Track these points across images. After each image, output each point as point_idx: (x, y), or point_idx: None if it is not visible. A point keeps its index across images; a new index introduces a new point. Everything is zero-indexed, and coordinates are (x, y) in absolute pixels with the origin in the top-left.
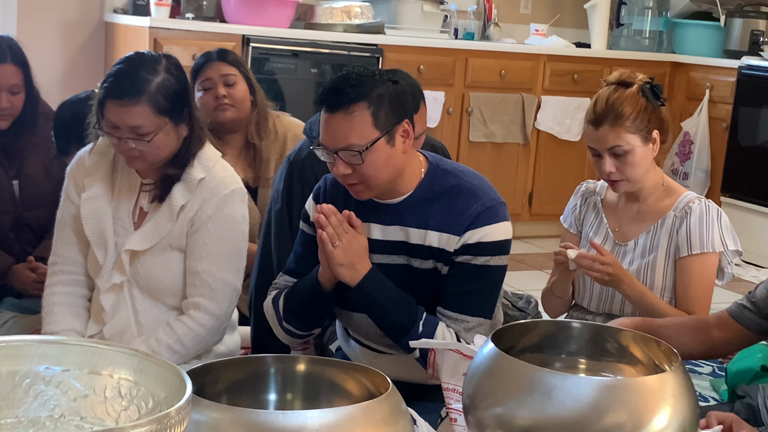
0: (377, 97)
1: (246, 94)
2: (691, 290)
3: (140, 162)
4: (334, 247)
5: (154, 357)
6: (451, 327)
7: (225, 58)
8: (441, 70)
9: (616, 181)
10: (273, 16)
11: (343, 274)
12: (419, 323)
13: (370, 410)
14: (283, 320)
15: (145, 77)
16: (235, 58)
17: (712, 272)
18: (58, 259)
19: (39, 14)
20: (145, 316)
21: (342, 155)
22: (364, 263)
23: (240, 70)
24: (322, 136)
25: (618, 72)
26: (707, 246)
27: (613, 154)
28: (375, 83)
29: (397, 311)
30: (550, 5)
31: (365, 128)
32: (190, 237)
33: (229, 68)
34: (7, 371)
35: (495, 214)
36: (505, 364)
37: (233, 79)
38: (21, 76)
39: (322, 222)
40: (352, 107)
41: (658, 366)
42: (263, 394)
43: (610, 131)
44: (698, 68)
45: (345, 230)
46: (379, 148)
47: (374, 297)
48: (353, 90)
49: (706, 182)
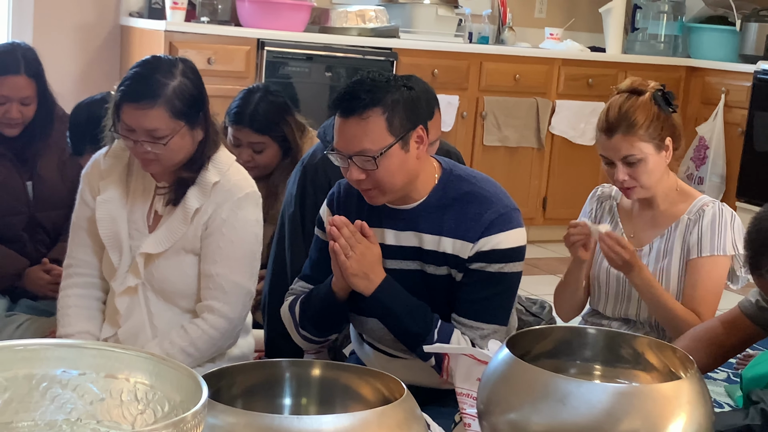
0: (392, 102)
1: (273, 158)
2: (698, 290)
3: (155, 165)
4: (347, 258)
5: (170, 361)
6: (466, 335)
7: (253, 125)
8: (455, 74)
9: (629, 188)
10: (288, 19)
11: (357, 284)
12: (434, 331)
13: (385, 415)
14: (300, 327)
15: (161, 81)
16: (267, 124)
17: (722, 275)
18: (73, 261)
19: (55, 18)
20: (159, 319)
21: (356, 160)
22: (378, 273)
23: (272, 136)
24: (336, 140)
25: (630, 79)
26: (718, 249)
27: (627, 163)
28: (389, 89)
29: (411, 320)
30: (564, 9)
31: (379, 134)
32: (204, 240)
33: (258, 137)
34: (24, 374)
35: (509, 221)
36: (519, 370)
37: (260, 147)
38: (33, 87)
39: (334, 234)
40: (367, 112)
41: (674, 373)
42: (278, 399)
43: (623, 140)
44: (713, 73)
45: (358, 241)
46: (393, 154)
47: (389, 306)
48: (368, 95)
49: (721, 187)
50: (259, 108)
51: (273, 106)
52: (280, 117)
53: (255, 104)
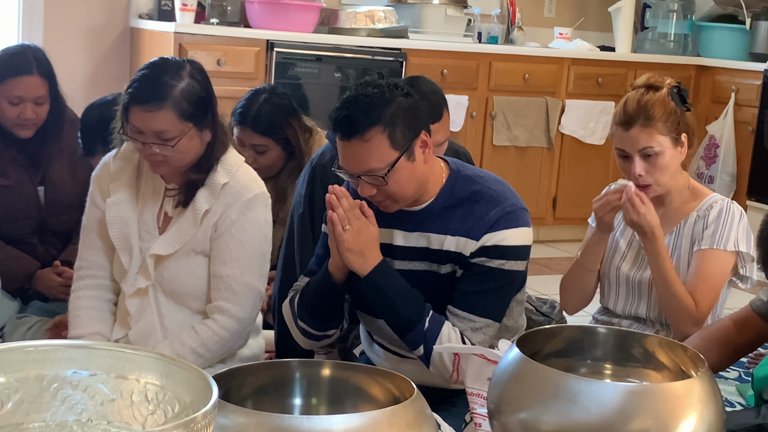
0: (391, 117)
1: (276, 160)
2: (696, 279)
3: (164, 167)
4: (344, 231)
5: (181, 361)
6: (457, 326)
7: (256, 126)
8: (464, 74)
9: (645, 186)
10: (297, 20)
11: (352, 260)
12: (425, 319)
13: (395, 415)
14: (298, 318)
15: (169, 82)
16: (269, 126)
17: (722, 271)
18: (84, 263)
19: (65, 20)
20: (169, 320)
21: (365, 179)
22: (374, 254)
23: (274, 138)
24: (342, 161)
25: (645, 76)
26: (719, 243)
27: (644, 155)
28: (386, 103)
29: (404, 305)
30: (574, 9)
31: (384, 151)
32: (214, 241)
33: (260, 138)
34: (35, 375)
35: (515, 219)
36: (530, 369)
37: (262, 148)
38: (46, 87)
39: (333, 202)
40: (368, 133)
41: (685, 372)
42: (288, 399)
43: (642, 132)
44: (724, 71)
45: (356, 216)
46: (401, 167)
47: (382, 288)
48: (365, 116)
49: (731, 186)
50: (262, 110)
51: (276, 108)
52: (283, 119)
53: (259, 106)
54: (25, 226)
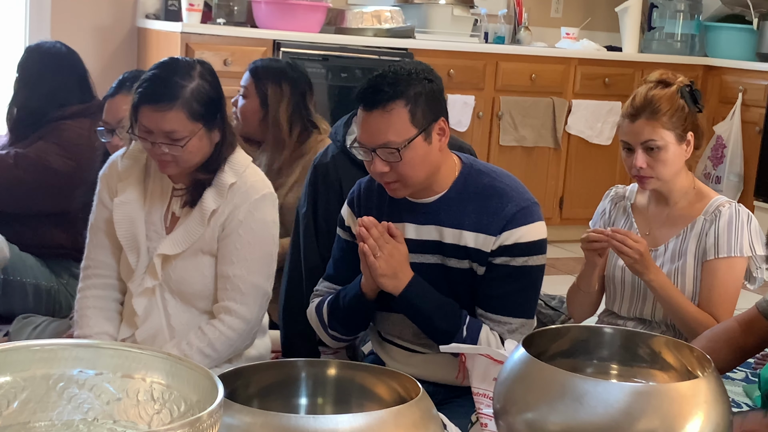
0: (414, 95)
1: (252, 112)
2: (715, 293)
3: (173, 167)
4: (375, 259)
5: (187, 361)
6: (495, 330)
7: (252, 72)
8: (471, 74)
9: (645, 177)
10: (303, 21)
11: (386, 284)
12: (463, 328)
13: (401, 415)
14: (329, 327)
15: (179, 83)
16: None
17: (739, 277)
18: (92, 263)
19: (72, 20)
20: (176, 320)
21: (380, 153)
22: (406, 271)
23: (257, 85)
24: (360, 134)
25: (659, 72)
26: (735, 250)
27: (647, 149)
28: (411, 81)
29: (440, 318)
30: (581, 9)
31: (403, 126)
32: (221, 241)
33: (249, 79)
34: (41, 374)
35: (530, 214)
36: (536, 369)
37: (245, 92)
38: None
39: (363, 235)
40: (390, 105)
41: (691, 372)
42: (294, 399)
43: (646, 124)
44: (731, 72)
45: (386, 241)
46: (417, 146)
47: (417, 305)
48: (391, 88)
49: (739, 186)
50: (271, 59)
51: (281, 65)
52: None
53: (275, 58)
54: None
